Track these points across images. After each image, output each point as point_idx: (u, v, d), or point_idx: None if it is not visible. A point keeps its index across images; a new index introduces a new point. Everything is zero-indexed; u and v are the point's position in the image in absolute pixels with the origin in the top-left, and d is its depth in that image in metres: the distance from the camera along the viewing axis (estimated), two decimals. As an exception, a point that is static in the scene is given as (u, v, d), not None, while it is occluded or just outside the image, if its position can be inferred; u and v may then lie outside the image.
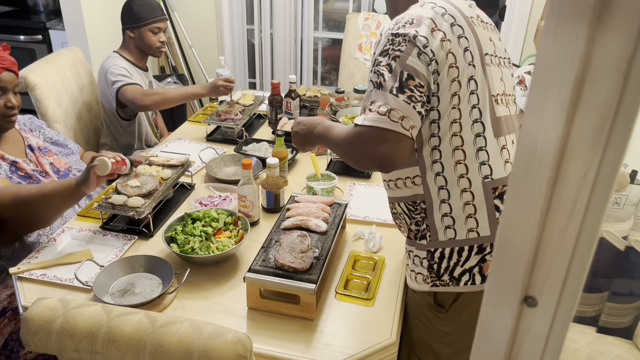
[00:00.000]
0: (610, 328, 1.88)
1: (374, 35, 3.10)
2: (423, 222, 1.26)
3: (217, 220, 1.59)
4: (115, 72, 2.33)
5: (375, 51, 1.19)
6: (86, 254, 1.56)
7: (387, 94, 1.09)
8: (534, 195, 0.38)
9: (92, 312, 1.03)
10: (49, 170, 1.82)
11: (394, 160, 1.09)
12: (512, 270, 0.41)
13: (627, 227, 1.88)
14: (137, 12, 2.39)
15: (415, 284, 1.31)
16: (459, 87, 1.15)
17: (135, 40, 2.43)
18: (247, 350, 0.98)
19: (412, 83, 1.09)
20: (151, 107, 2.31)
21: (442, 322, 1.30)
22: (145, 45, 2.44)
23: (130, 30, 2.42)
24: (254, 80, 3.93)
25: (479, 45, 1.20)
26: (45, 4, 3.87)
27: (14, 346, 1.62)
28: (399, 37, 1.12)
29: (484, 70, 1.20)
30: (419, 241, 1.28)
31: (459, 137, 1.18)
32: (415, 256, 1.29)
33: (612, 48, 0.33)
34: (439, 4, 1.18)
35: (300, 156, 2.16)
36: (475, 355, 0.47)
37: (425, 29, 1.11)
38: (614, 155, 0.35)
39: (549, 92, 0.36)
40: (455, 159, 1.19)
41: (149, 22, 2.40)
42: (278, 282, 1.31)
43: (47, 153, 1.88)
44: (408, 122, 1.08)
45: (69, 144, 2.01)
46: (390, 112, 1.08)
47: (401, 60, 1.10)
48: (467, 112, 1.17)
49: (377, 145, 1.09)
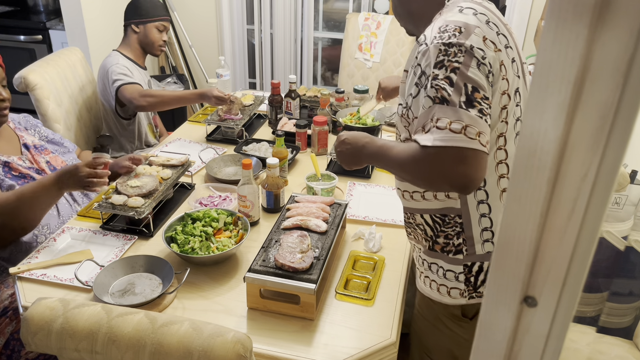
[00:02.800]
0: (610, 328, 1.88)
1: (374, 35, 3.10)
2: (458, 236, 1.21)
3: (217, 220, 1.59)
4: (116, 71, 2.33)
5: (419, 63, 1.10)
6: (86, 254, 1.56)
7: (458, 109, 1.01)
8: (534, 195, 0.38)
9: (92, 312, 1.03)
10: (46, 167, 1.81)
11: (476, 179, 1.02)
12: (512, 270, 0.41)
13: (627, 227, 1.88)
14: (144, 7, 2.42)
15: (449, 298, 1.28)
16: (508, 100, 1.11)
17: (140, 35, 2.44)
18: (247, 350, 0.98)
19: (478, 96, 1.02)
20: (146, 108, 2.33)
21: (465, 331, 1.29)
22: (148, 42, 2.45)
23: (136, 25, 2.43)
24: (254, 80, 3.93)
25: (519, 54, 1.18)
26: (45, 4, 3.87)
27: (15, 345, 1.62)
28: (452, 47, 1.04)
29: (525, 81, 1.17)
30: (452, 255, 1.23)
31: (503, 150, 1.15)
32: (448, 270, 1.25)
33: (612, 48, 0.33)
34: (479, 10, 1.11)
35: (300, 156, 2.16)
36: (475, 355, 0.48)
37: (477, 39, 1.05)
38: (614, 155, 0.35)
39: (549, 92, 0.36)
40: (499, 173, 1.16)
41: (156, 19, 2.44)
42: (278, 282, 1.31)
43: (44, 151, 1.86)
44: (484, 137, 1.01)
45: (65, 143, 2.00)
46: (465, 128, 1.00)
47: (462, 72, 1.03)
48: (512, 125, 1.14)
49: (456, 166, 1.01)
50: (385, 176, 2.02)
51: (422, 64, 1.09)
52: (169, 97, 2.31)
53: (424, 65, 1.09)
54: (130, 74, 2.36)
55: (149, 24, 2.42)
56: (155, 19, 2.43)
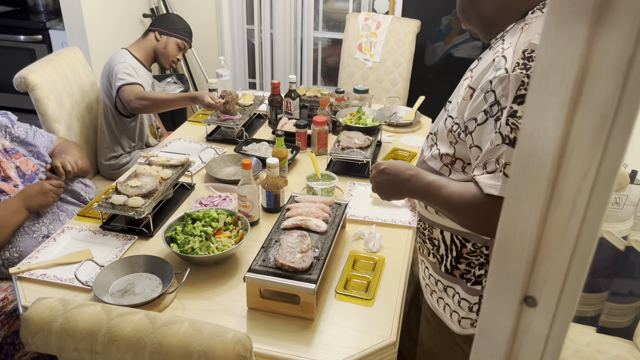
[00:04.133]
0: (610, 328, 1.88)
1: (374, 35, 3.10)
2: (481, 267, 1.18)
3: (217, 220, 1.59)
4: (121, 70, 2.35)
5: (494, 89, 1.00)
6: (86, 254, 1.56)
7: None
8: (534, 195, 0.38)
9: (92, 312, 1.03)
10: (13, 174, 1.78)
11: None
12: (512, 270, 0.41)
13: (627, 227, 1.88)
14: (176, 22, 2.55)
15: (458, 327, 1.26)
16: None
17: (160, 44, 2.51)
18: (247, 350, 0.98)
19: None
20: (141, 110, 2.35)
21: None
22: (164, 53, 2.53)
23: (160, 33, 2.51)
24: (254, 80, 3.93)
25: None
26: (45, 4, 3.87)
27: (9, 350, 1.62)
28: None
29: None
30: (471, 285, 1.21)
31: None
32: (463, 299, 1.23)
33: (612, 48, 0.33)
34: None
35: (300, 156, 2.16)
36: (475, 355, 0.48)
37: None
38: (614, 155, 0.35)
39: (549, 92, 0.36)
40: None
41: (182, 37, 2.55)
42: (278, 282, 1.31)
43: (14, 155, 1.82)
44: None
45: (37, 143, 1.94)
46: None
47: None
48: None
49: None
50: (385, 176, 2.02)
51: (497, 92, 1.00)
52: (162, 100, 2.33)
53: (499, 94, 1.00)
54: (134, 74, 2.37)
55: (173, 38, 2.53)
56: (180, 37, 2.55)
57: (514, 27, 1.09)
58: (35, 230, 1.74)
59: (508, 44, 1.04)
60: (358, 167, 2.02)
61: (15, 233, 1.70)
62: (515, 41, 1.03)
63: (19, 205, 1.64)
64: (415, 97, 2.57)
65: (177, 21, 2.57)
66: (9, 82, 2.38)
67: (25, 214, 1.69)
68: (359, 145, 1.99)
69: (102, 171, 2.60)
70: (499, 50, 1.05)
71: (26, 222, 1.73)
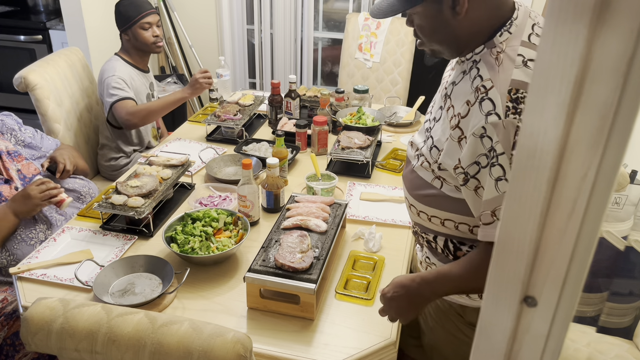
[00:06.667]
0: (610, 328, 1.88)
1: (374, 36, 3.10)
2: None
3: (217, 220, 1.59)
4: (111, 85, 2.31)
5: (489, 135, 1.00)
6: (86, 254, 1.56)
7: None
8: (534, 195, 0.38)
9: (92, 312, 1.03)
10: (15, 176, 1.79)
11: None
12: (512, 270, 0.41)
13: (627, 227, 1.88)
14: (124, 12, 2.40)
15: (467, 299, 1.29)
16: None
17: (131, 41, 2.43)
18: (247, 350, 0.98)
19: None
20: (137, 125, 2.35)
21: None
22: (140, 44, 2.43)
23: (124, 32, 2.43)
24: (254, 80, 3.92)
25: None
26: (45, 4, 3.87)
27: (9, 351, 1.62)
28: None
29: None
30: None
31: None
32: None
33: (612, 48, 0.33)
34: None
35: (300, 156, 2.16)
36: (475, 355, 0.48)
37: None
38: (614, 155, 0.35)
39: (549, 92, 0.36)
40: None
41: (137, 20, 2.40)
42: (278, 282, 1.31)
43: (17, 158, 1.83)
44: None
45: (43, 146, 1.95)
46: None
47: None
48: None
49: None
50: (385, 176, 2.02)
51: (494, 139, 1.00)
52: (156, 106, 2.33)
53: (495, 142, 1.00)
54: (125, 87, 2.33)
55: (133, 27, 2.40)
56: (135, 20, 2.40)
57: (484, 51, 1.08)
58: (32, 237, 1.74)
59: (487, 78, 1.04)
60: (358, 167, 2.02)
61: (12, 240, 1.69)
62: (496, 78, 1.03)
63: (5, 212, 1.63)
64: (415, 97, 2.57)
65: (124, 9, 2.38)
66: (9, 82, 2.38)
67: (14, 220, 1.65)
68: (359, 145, 1.99)
69: (102, 172, 2.60)
70: (479, 85, 1.05)
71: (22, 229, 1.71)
